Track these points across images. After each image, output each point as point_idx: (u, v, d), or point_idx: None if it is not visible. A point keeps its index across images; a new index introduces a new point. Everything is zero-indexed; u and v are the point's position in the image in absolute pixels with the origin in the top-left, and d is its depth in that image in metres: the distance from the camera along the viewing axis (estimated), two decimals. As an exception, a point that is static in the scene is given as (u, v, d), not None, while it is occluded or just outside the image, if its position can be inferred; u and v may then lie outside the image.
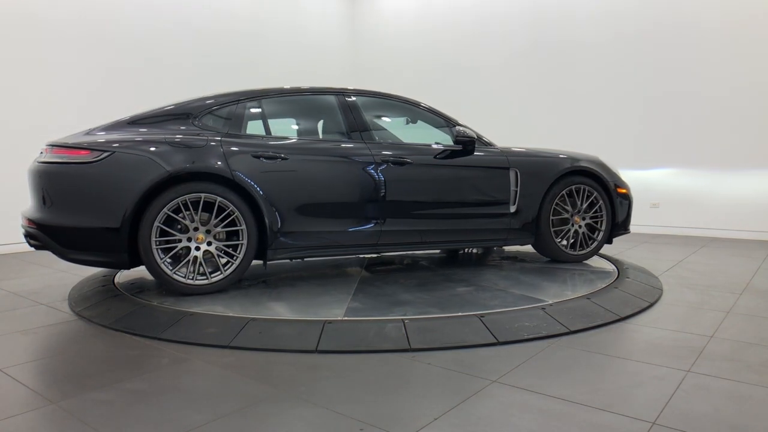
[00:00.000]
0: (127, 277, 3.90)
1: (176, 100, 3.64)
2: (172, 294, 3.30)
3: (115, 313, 3.08)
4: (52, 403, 2.02)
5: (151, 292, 3.40)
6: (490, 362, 2.40)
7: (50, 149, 3.30)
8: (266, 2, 8.02)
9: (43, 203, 3.25)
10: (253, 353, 2.55)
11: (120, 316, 3.03)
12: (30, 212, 3.33)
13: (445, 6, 8.41)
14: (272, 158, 3.44)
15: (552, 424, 1.83)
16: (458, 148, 3.88)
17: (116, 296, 3.38)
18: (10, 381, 2.25)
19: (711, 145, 6.37)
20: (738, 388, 2.11)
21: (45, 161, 3.27)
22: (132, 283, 3.71)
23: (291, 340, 2.64)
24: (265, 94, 3.79)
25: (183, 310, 2.99)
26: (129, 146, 3.23)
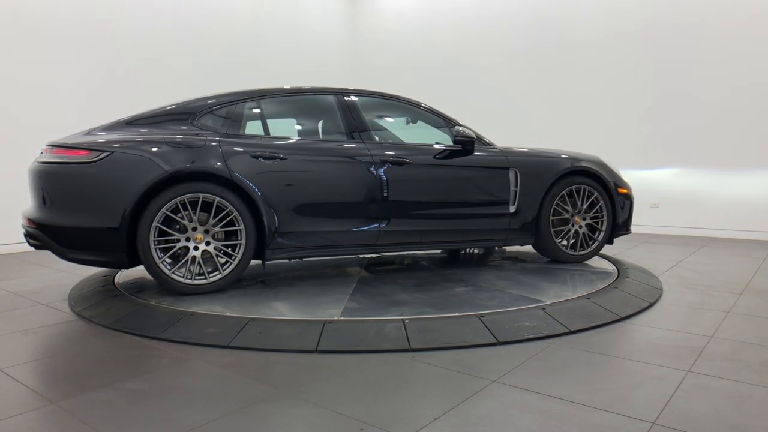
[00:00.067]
0: (127, 277, 3.90)
1: (176, 100, 3.64)
2: (172, 294, 3.30)
3: (115, 313, 3.08)
4: (52, 403, 2.02)
5: (151, 292, 3.40)
6: (490, 362, 2.40)
7: (50, 149, 3.31)
8: (266, 2, 8.02)
9: (43, 203, 3.25)
10: (253, 353, 2.55)
11: (120, 316, 3.03)
12: (30, 212, 3.34)
13: (446, 5, 8.41)
14: (271, 158, 3.44)
15: (552, 424, 1.83)
16: (458, 148, 3.88)
17: (116, 296, 3.38)
18: (10, 381, 2.25)
19: (711, 145, 6.37)
20: (738, 388, 2.11)
21: (45, 161, 3.28)
22: (132, 283, 3.71)
23: (291, 340, 2.64)
24: (265, 95, 3.79)
25: (183, 310, 2.99)
26: (128, 146, 3.23)
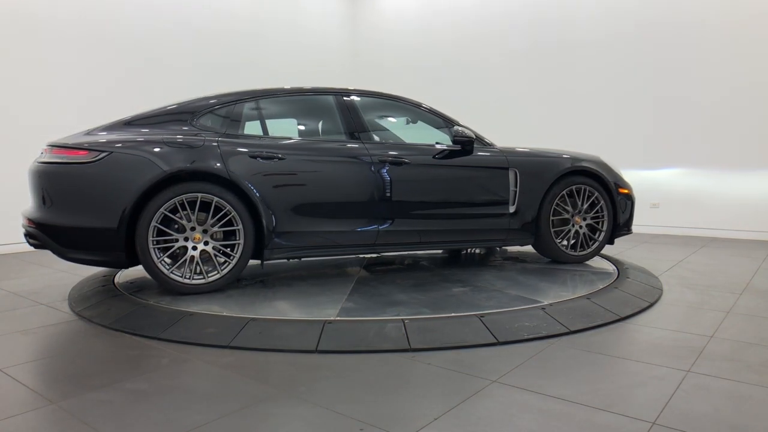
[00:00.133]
0: (127, 277, 3.90)
1: (175, 100, 3.65)
2: (171, 294, 3.30)
3: (115, 313, 3.08)
4: (52, 403, 2.02)
5: (151, 292, 3.40)
6: (490, 362, 2.40)
7: (50, 149, 3.32)
8: (266, 2, 8.02)
9: (43, 203, 3.26)
10: (253, 353, 2.55)
11: (120, 316, 3.03)
12: (30, 212, 3.35)
13: (446, 5, 8.41)
14: (269, 158, 3.44)
15: (552, 424, 1.83)
16: (457, 148, 3.88)
17: (116, 296, 3.38)
18: (10, 381, 2.25)
19: (711, 145, 6.37)
20: (738, 388, 2.11)
21: (45, 161, 3.28)
22: (132, 283, 3.71)
23: (291, 340, 2.64)
24: (264, 95, 3.79)
25: (183, 310, 2.99)
26: (126, 146, 3.24)
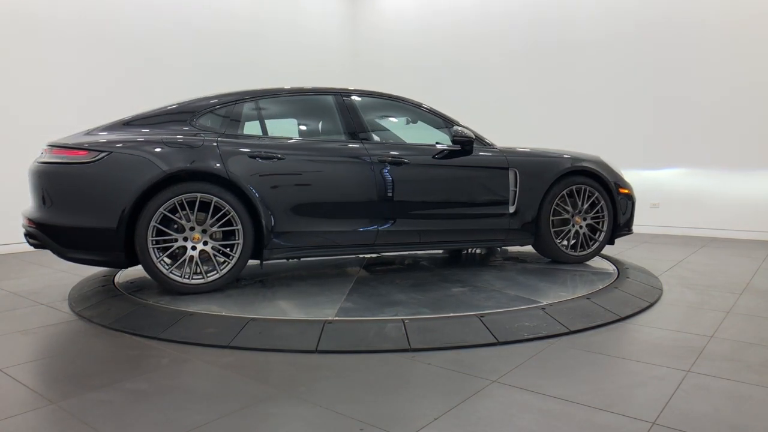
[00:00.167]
0: (127, 277, 3.90)
1: (175, 101, 3.65)
2: (171, 293, 3.30)
3: (115, 313, 3.08)
4: (52, 403, 2.02)
5: (151, 292, 3.40)
6: (490, 362, 2.40)
7: (50, 150, 3.32)
8: (266, 2, 8.02)
9: (43, 203, 3.26)
10: (253, 353, 2.55)
11: (120, 316, 3.03)
12: (30, 212, 3.35)
13: (446, 5, 8.41)
14: (268, 158, 3.44)
15: (552, 424, 1.83)
16: (456, 148, 3.88)
17: (116, 296, 3.38)
18: (10, 381, 2.25)
19: (711, 145, 6.37)
20: (738, 388, 2.11)
21: (44, 161, 3.29)
22: (132, 283, 3.71)
23: (291, 340, 2.64)
24: (264, 95, 3.79)
25: (183, 310, 2.99)
26: (126, 146, 3.24)
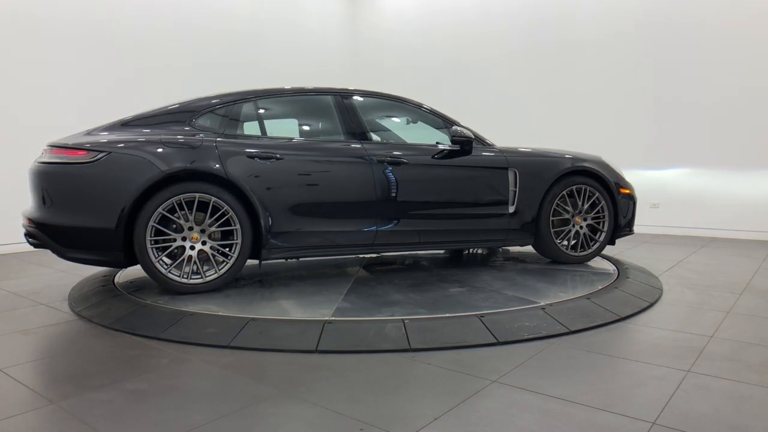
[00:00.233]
0: (127, 277, 3.90)
1: (175, 101, 3.65)
2: (170, 293, 3.31)
3: (115, 313, 3.08)
4: (52, 403, 2.02)
5: (151, 292, 3.40)
6: (490, 362, 2.40)
7: (50, 150, 3.33)
8: (266, 2, 8.02)
9: (43, 203, 3.26)
10: (253, 353, 2.55)
11: (120, 316, 3.03)
12: (30, 212, 3.36)
13: (446, 5, 8.41)
14: (267, 158, 3.44)
15: (552, 424, 1.83)
16: (456, 148, 3.87)
17: (116, 296, 3.38)
18: (10, 381, 2.25)
19: (711, 145, 6.37)
20: (738, 388, 2.11)
21: (44, 161, 3.29)
22: (132, 283, 3.71)
23: (291, 340, 2.64)
24: (263, 95, 3.79)
25: (183, 310, 2.99)
26: (125, 146, 3.25)
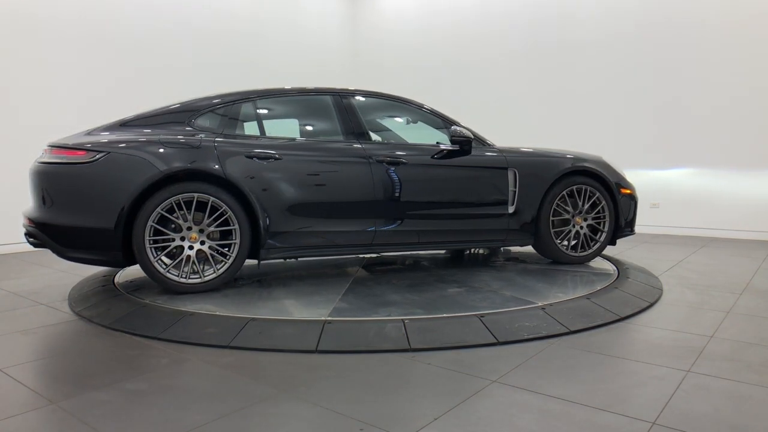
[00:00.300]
0: (127, 277, 3.90)
1: (175, 101, 3.66)
2: (169, 293, 3.31)
3: (115, 313, 3.08)
4: (52, 403, 2.02)
5: (151, 292, 3.40)
6: (490, 362, 2.40)
7: (50, 150, 3.34)
8: (266, 2, 8.02)
9: (43, 203, 3.27)
10: (253, 353, 2.55)
11: (120, 316, 3.03)
12: (30, 212, 3.36)
13: (446, 5, 8.41)
14: (266, 158, 3.44)
15: (552, 424, 1.83)
16: (455, 148, 3.87)
17: (116, 296, 3.38)
18: (10, 381, 2.25)
19: (711, 145, 6.37)
20: (738, 388, 2.11)
21: (44, 162, 3.30)
22: (132, 283, 3.71)
23: (291, 340, 2.64)
24: (262, 95, 3.79)
25: (183, 310, 2.99)
26: (124, 147, 3.25)
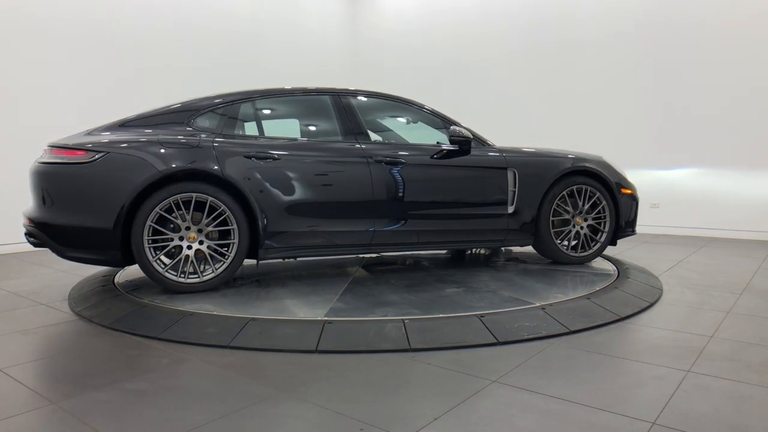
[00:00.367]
0: (127, 277, 3.90)
1: (174, 101, 3.66)
2: (170, 293, 3.31)
3: (115, 313, 3.08)
4: (52, 403, 2.02)
5: (151, 292, 3.40)
6: (490, 362, 2.40)
7: (50, 150, 3.34)
8: (266, 2, 8.02)
9: (43, 203, 3.27)
10: (253, 353, 2.55)
11: (120, 316, 3.03)
12: (30, 211, 3.37)
13: (446, 5, 8.41)
14: (264, 158, 3.44)
15: (552, 424, 1.83)
16: (454, 148, 3.87)
17: (116, 296, 3.38)
18: (10, 381, 2.25)
19: (711, 145, 6.37)
20: (738, 388, 2.11)
21: (44, 162, 3.31)
22: (131, 283, 3.71)
23: (291, 340, 2.64)
24: (261, 95, 3.79)
25: (183, 310, 2.99)
26: (122, 147, 3.26)
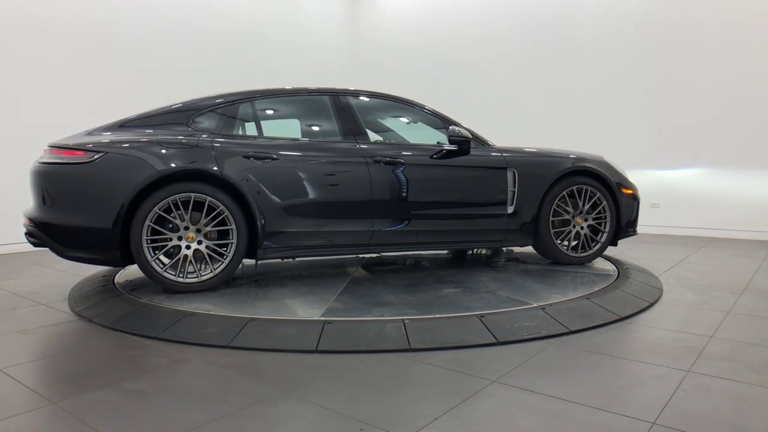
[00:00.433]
0: (127, 277, 3.90)
1: (174, 101, 3.66)
2: (169, 293, 3.31)
3: (115, 313, 3.08)
4: (52, 403, 2.02)
5: (151, 292, 3.40)
6: (490, 362, 2.40)
7: (50, 150, 3.35)
8: (266, 2, 8.02)
9: (43, 203, 3.28)
10: (253, 353, 2.55)
11: (120, 316, 3.03)
12: (30, 211, 3.38)
13: (446, 5, 8.41)
14: (263, 158, 3.45)
15: (552, 424, 1.83)
16: (454, 148, 3.86)
17: (116, 296, 3.38)
18: (10, 381, 2.25)
19: (711, 145, 6.37)
20: (738, 388, 2.11)
21: (45, 162, 3.31)
22: (131, 282, 3.71)
23: (291, 340, 2.64)
24: (260, 95, 3.79)
25: (183, 310, 2.99)
26: (121, 147, 3.27)
